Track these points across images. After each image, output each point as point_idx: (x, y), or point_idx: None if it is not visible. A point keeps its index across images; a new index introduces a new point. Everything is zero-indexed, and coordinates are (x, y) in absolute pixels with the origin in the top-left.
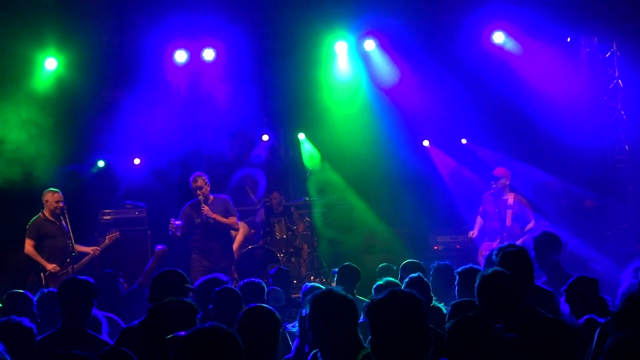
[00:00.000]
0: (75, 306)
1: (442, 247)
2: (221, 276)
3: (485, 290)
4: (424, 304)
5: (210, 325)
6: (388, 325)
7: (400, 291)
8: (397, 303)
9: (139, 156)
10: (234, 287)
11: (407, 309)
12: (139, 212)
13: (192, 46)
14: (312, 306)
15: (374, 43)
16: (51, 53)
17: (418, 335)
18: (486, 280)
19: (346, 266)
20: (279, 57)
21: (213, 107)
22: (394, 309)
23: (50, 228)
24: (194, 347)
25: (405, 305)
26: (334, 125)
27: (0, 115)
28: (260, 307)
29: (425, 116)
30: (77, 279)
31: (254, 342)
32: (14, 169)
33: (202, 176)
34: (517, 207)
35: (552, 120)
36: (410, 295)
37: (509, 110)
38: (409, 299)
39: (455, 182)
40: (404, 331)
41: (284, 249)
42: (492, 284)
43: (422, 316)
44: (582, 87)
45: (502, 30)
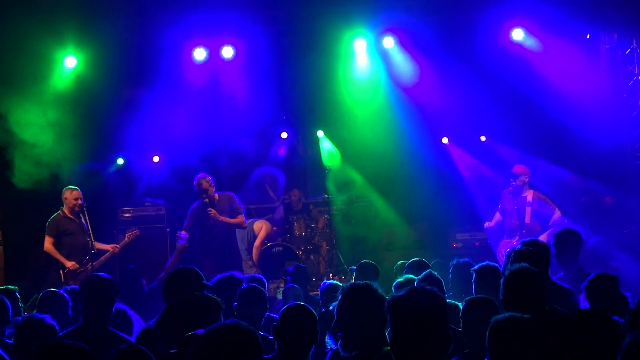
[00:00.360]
0: (96, 303)
1: (462, 245)
2: (237, 274)
3: (511, 286)
4: (445, 301)
5: (231, 322)
6: (408, 323)
7: (422, 288)
8: (418, 300)
9: (158, 154)
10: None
11: (428, 306)
12: (158, 210)
13: (211, 44)
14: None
15: (393, 40)
16: (71, 51)
17: (438, 333)
18: (513, 276)
19: (365, 263)
20: (297, 55)
21: (232, 104)
22: (415, 306)
23: (69, 225)
24: (214, 344)
25: (426, 302)
26: (353, 123)
27: (21, 113)
28: (301, 305)
29: (444, 113)
30: (99, 276)
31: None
32: (34, 167)
33: (206, 177)
34: (536, 204)
35: (572, 117)
36: (431, 292)
37: (528, 108)
38: (430, 297)
39: (475, 180)
40: (424, 328)
41: (302, 247)
42: (519, 280)
43: (442, 314)
44: (602, 84)
45: (521, 27)
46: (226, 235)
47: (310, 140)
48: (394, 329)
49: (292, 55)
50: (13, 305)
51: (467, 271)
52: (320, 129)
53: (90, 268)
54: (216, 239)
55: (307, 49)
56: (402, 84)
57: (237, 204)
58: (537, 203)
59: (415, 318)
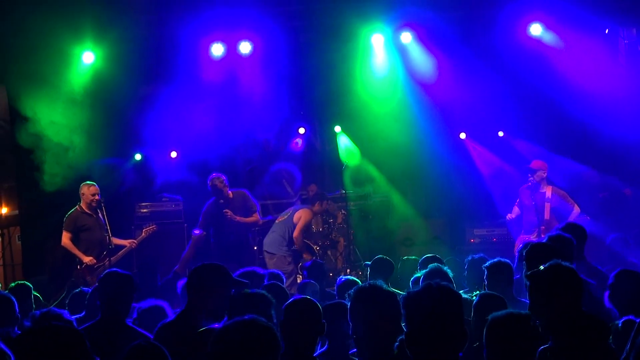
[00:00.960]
0: (115, 299)
1: (479, 240)
2: (258, 269)
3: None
4: (460, 297)
5: (249, 317)
6: (424, 318)
7: (437, 284)
8: (434, 296)
9: (175, 149)
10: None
11: (444, 302)
12: (175, 205)
13: (229, 39)
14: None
15: (411, 35)
16: (89, 47)
17: (453, 328)
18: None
19: (379, 259)
20: (315, 50)
21: (249, 100)
22: (430, 302)
23: (87, 221)
24: (232, 338)
25: (442, 298)
26: (370, 118)
27: (40, 108)
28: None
29: (461, 109)
30: (118, 273)
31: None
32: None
33: (220, 177)
34: (555, 200)
35: (590, 112)
36: (446, 288)
37: (546, 103)
38: (446, 292)
39: (492, 175)
40: (440, 324)
41: (320, 242)
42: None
43: (458, 310)
44: (620, 79)
45: (539, 22)
46: (240, 233)
47: (327, 135)
48: (409, 324)
49: (309, 50)
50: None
51: (482, 267)
52: (338, 124)
53: (107, 263)
54: (230, 236)
55: (325, 44)
56: (419, 80)
57: (252, 202)
58: (556, 199)
59: (430, 314)
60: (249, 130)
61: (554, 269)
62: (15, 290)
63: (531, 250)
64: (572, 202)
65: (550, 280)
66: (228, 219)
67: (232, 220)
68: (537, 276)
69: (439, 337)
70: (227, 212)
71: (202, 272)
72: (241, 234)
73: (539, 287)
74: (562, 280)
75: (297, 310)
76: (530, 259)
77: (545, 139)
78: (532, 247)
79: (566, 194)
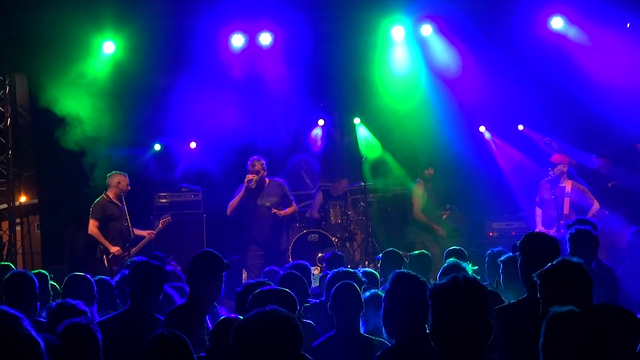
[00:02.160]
0: (144, 289)
1: (497, 234)
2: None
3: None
4: (486, 290)
5: (271, 308)
6: (450, 311)
7: (463, 277)
8: (460, 289)
9: (195, 140)
10: None
11: (470, 295)
12: (194, 196)
13: (249, 30)
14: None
15: (431, 28)
16: (109, 36)
17: (479, 322)
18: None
19: (389, 252)
20: (335, 41)
21: (269, 90)
22: (456, 295)
23: (114, 210)
24: (254, 329)
25: (468, 291)
26: (390, 110)
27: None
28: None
29: (481, 102)
30: (149, 263)
31: None
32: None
33: (260, 160)
34: (575, 194)
35: (610, 106)
36: (473, 280)
37: (566, 96)
38: (472, 285)
39: (511, 169)
40: (465, 317)
41: (338, 234)
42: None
43: (484, 303)
44: None
45: (559, 15)
46: (274, 220)
47: (347, 127)
48: (434, 317)
49: (329, 41)
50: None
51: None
52: (357, 116)
53: (129, 254)
54: (262, 223)
55: (345, 36)
56: (439, 72)
57: (288, 192)
58: (576, 194)
59: (456, 306)
60: (268, 121)
61: (563, 266)
62: None
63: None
64: (592, 197)
65: (560, 277)
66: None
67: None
68: (548, 274)
69: (464, 330)
70: (275, 211)
71: (203, 258)
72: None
73: (551, 284)
74: (571, 277)
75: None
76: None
77: (565, 132)
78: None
79: (586, 189)
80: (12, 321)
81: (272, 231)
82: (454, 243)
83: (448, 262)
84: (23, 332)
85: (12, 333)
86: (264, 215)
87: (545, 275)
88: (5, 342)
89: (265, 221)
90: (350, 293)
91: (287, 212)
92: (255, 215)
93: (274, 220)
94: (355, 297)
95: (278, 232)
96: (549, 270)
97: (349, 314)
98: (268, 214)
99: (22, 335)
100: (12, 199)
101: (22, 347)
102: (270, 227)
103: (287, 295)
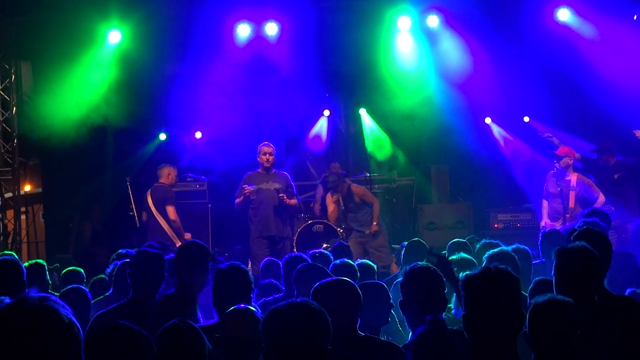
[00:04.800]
0: (146, 278)
1: (503, 226)
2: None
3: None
4: (517, 280)
5: (302, 300)
6: (482, 301)
7: (495, 268)
8: (493, 279)
9: (200, 130)
10: None
11: (503, 285)
12: (200, 186)
13: (255, 19)
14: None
15: (437, 18)
16: (115, 24)
17: (512, 311)
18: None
19: (414, 242)
20: (341, 32)
21: (274, 80)
22: (490, 285)
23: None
24: (285, 321)
25: (501, 281)
26: (396, 101)
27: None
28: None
29: (487, 93)
30: (148, 252)
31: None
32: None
33: (270, 146)
34: (580, 187)
35: (616, 99)
36: (505, 271)
37: (572, 88)
38: (505, 276)
39: (517, 160)
40: (498, 307)
41: (343, 225)
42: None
43: (517, 293)
44: None
45: (566, 6)
46: (280, 207)
47: (352, 118)
48: (467, 307)
49: (335, 31)
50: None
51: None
52: (363, 107)
53: None
54: (268, 208)
55: (351, 26)
56: (445, 63)
57: (292, 185)
58: (581, 187)
59: (488, 296)
60: (274, 112)
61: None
62: (28, 270)
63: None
64: (597, 190)
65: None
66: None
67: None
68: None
69: (497, 319)
70: (283, 196)
71: (191, 249)
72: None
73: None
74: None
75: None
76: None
77: (571, 124)
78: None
79: (592, 182)
80: (54, 304)
81: (277, 220)
82: (459, 235)
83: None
84: (66, 316)
85: (56, 317)
86: (269, 201)
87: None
88: (51, 326)
89: (270, 208)
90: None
91: (291, 201)
92: (261, 201)
93: (280, 207)
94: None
95: (283, 221)
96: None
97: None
98: (273, 199)
99: (65, 318)
100: (17, 187)
101: (65, 331)
102: (275, 216)
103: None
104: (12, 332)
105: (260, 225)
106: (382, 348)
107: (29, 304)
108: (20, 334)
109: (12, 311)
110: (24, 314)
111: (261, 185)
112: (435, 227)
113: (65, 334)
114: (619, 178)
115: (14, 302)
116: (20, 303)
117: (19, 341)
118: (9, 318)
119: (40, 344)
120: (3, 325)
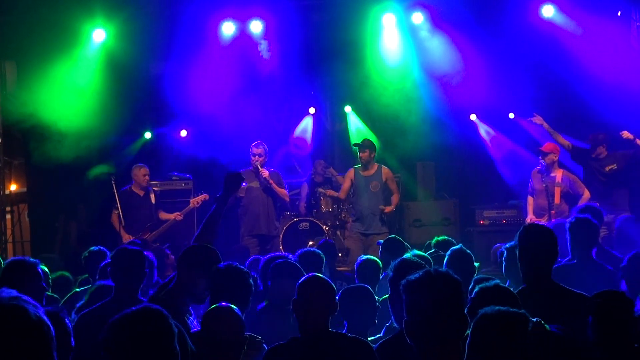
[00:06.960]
0: (127, 275)
1: (489, 222)
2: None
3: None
4: (460, 283)
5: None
6: (423, 305)
7: (435, 270)
8: (433, 282)
9: (186, 128)
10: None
11: (444, 288)
12: (185, 184)
13: (240, 17)
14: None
15: (422, 15)
16: (99, 23)
17: (454, 317)
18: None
19: (391, 239)
20: (326, 29)
21: (260, 79)
22: (430, 289)
23: (134, 200)
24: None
25: (442, 284)
26: (381, 98)
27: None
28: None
29: (472, 90)
30: (127, 249)
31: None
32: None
33: (264, 145)
34: (566, 184)
35: (601, 96)
36: (445, 274)
37: (557, 85)
38: (446, 279)
39: (502, 157)
40: (440, 312)
41: (329, 222)
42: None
43: (458, 297)
44: (633, 63)
45: (551, 3)
46: (269, 204)
47: (338, 115)
48: (408, 312)
49: (320, 29)
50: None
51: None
52: (348, 104)
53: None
54: (258, 205)
55: (336, 24)
56: (430, 60)
57: (283, 182)
58: (567, 183)
59: (430, 300)
60: (259, 110)
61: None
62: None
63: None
64: (582, 187)
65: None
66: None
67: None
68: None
69: (438, 324)
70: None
71: (196, 252)
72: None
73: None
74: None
75: (310, 288)
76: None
77: (555, 121)
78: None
79: (577, 179)
80: (23, 303)
81: (267, 219)
82: (444, 232)
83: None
84: (35, 314)
85: (23, 316)
86: (258, 200)
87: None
88: (18, 325)
89: (259, 207)
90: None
91: (280, 190)
92: (250, 199)
93: (266, 205)
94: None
95: (272, 220)
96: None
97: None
98: (263, 198)
99: (34, 317)
100: (2, 187)
101: (33, 330)
102: (264, 215)
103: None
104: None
105: (249, 223)
106: (350, 343)
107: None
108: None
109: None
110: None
111: (252, 183)
112: (421, 224)
113: (34, 333)
114: (610, 171)
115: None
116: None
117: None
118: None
119: (6, 342)
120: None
